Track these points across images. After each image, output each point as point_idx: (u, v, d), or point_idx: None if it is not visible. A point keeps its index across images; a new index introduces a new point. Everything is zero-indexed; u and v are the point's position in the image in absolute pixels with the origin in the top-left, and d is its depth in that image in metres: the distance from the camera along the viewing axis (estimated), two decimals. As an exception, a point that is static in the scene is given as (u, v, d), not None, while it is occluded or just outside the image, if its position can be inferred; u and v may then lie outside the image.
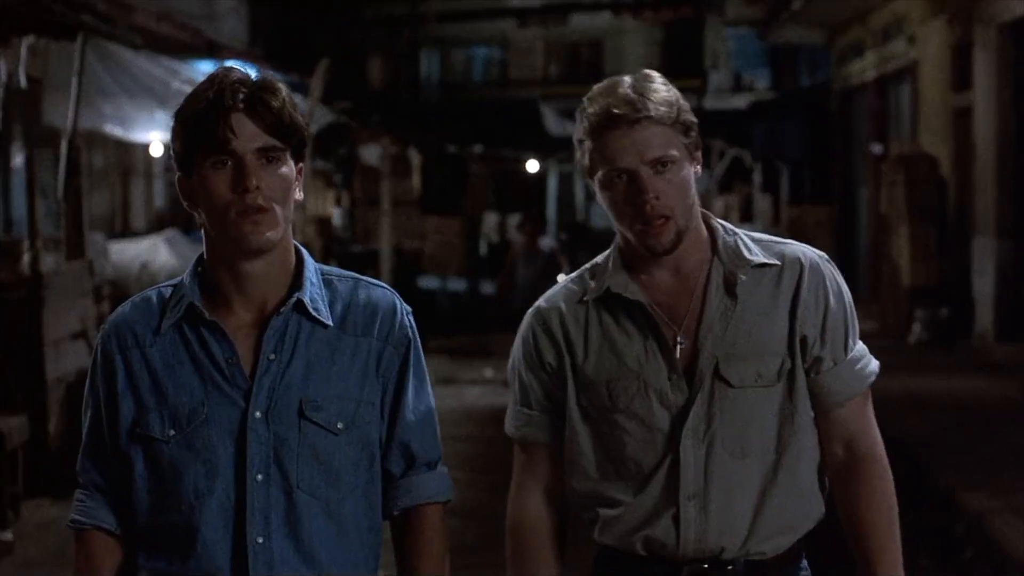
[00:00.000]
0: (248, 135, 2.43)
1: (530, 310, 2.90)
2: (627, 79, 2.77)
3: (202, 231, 2.52)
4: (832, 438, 2.84)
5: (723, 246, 2.80)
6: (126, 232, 17.05)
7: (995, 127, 14.16)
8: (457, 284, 20.60)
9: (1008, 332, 13.81)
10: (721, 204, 28.31)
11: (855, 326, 2.85)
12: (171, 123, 2.52)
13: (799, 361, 2.80)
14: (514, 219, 20.52)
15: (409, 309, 2.63)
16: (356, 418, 2.52)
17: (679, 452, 2.75)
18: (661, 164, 2.70)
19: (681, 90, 2.85)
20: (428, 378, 2.65)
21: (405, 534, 2.61)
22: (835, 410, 2.83)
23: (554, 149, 26.25)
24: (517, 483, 2.91)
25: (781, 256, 2.81)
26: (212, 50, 14.52)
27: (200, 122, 2.43)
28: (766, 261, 2.79)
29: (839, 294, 2.83)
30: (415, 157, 22.70)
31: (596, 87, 2.79)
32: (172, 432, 2.47)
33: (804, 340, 2.79)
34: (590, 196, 27.38)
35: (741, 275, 2.77)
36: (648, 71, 2.82)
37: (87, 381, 2.59)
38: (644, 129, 2.70)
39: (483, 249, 23.73)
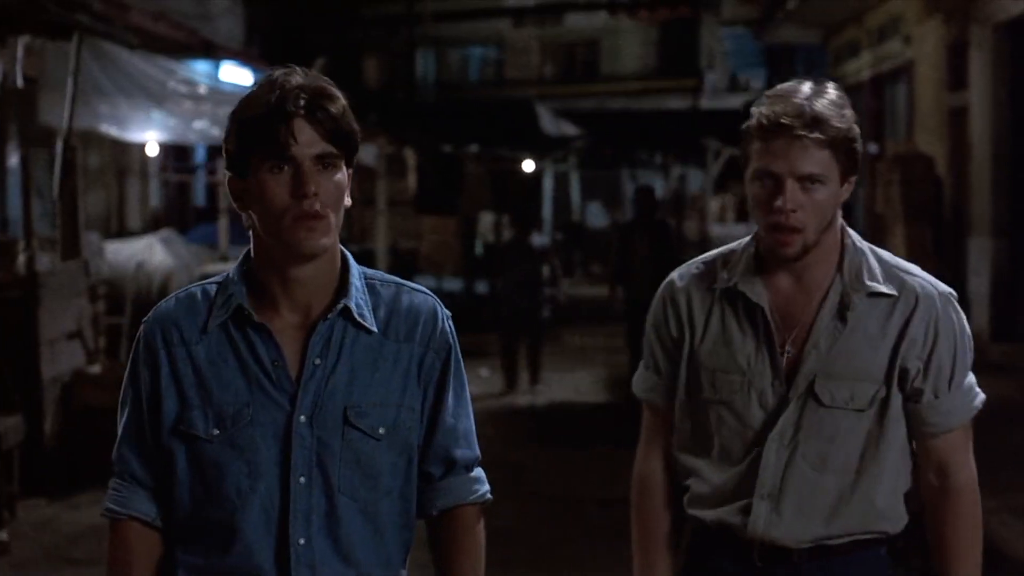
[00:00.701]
0: (307, 141, 2.43)
1: (666, 281, 3.05)
2: (806, 89, 2.85)
3: (250, 232, 2.53)
4: (927, 465, 2.94)
5: (848, 265, 2.88)
6: (122, 232, 17.02)
7: (991, 126, 14.16)
8: (453, 284, 20.56)
9: (1004, 332, 13.82)
10: (716, 204, 28.32)
11: (965, 362, 2.92)
12: (212, 124, 2.51)
13: (895, 390, 2.88)
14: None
15: (449, 314, 2.65)
16: (397, 423, 2.55)
17: (763, 452, 2.88)
18: (810, 180, 2.79)
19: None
20: (467, 381, 2.69)
21: (443, 535, 2.66)
22: (930, 440, 2.92)
23: (550, 149, 26.25)
24: (644, 442, 3.10)
25: (900, 286, 2.89)
26: (208, 50, 14.53)
27: (261, 126, 2.43)
28: (883, 290, 2.87)
29: (950, 331, 2.89)
30: (411, 157, 22.67)
31: (778, 87, 2.91)
32: (216, 431, 2.49)
33: (905, 371, 2.88)
34: (585, 196, 27.22)
35: (856, 300, 2.85)
36: (828, 84, 2.89)
37: (127, 373, 2.58)
38: (804, 145, 2.78)
39: (479, 249, 23.71)
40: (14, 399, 8.43)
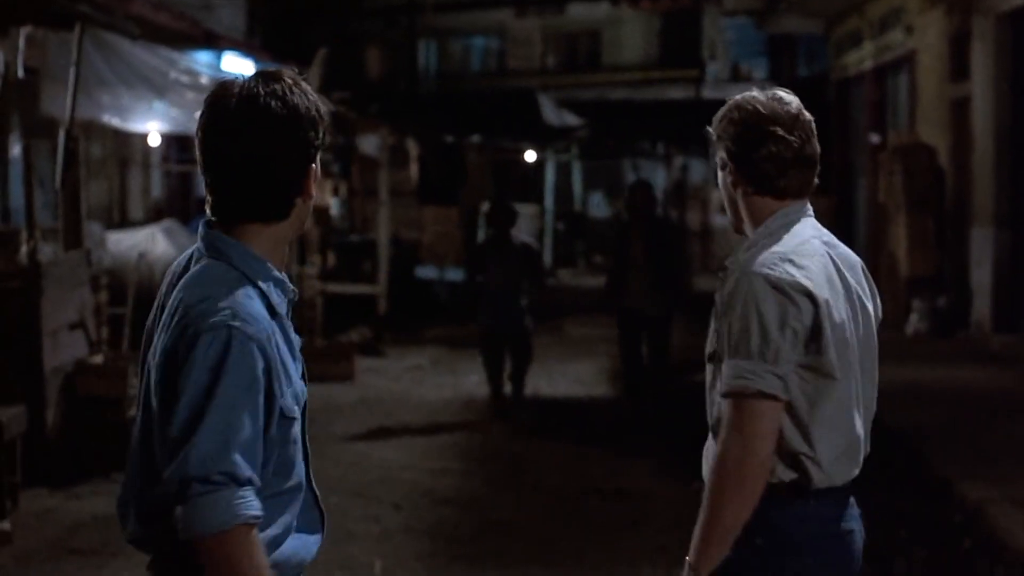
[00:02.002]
0: None
1: None
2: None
3: (275, 221, 2.74)
4: None
5: (745, 244, 3.24)
6: (124, 222, 17.04)
7: (993, 117, 14.15)
8: (455, 274, 20.56)
9: (1005, 323, 13.82)
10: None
11: (740, 337, 3.07)
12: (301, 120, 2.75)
13: (717, 352, 3.17)
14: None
15: None
16: None
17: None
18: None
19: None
20: None
21: None
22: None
23: (552, 139, 26.22)
24: None
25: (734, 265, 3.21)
26: (210, 40, 14.53)
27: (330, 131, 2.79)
28: (727, 266, 3.21)
29: (736, 302, 3.09)
30: (413, 147, 22.65)
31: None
32: (297, 409, 2.75)
33: (714, 334, 3.19)
34: (588, 186, 27.11)
35: (720, 272, 3.23)
36: (763, 89, 3.31)
37: (244, 381, 2.59)
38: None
39: (481, 239, 23.70)
40: (16, 389, 8.43)
